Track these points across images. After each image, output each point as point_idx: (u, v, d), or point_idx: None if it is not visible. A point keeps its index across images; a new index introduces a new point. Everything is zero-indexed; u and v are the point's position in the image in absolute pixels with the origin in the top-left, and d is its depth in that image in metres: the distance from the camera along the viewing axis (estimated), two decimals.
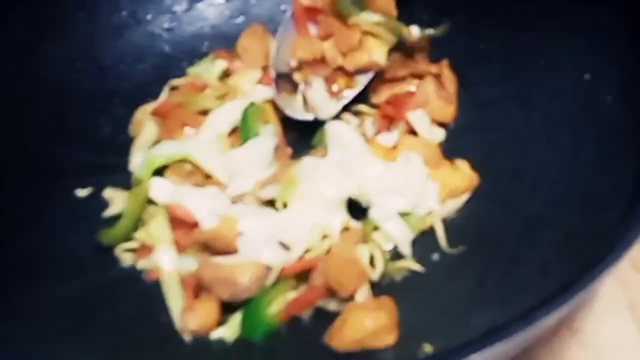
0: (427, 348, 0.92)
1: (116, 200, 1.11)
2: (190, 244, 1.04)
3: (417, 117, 1.15)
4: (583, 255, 0.83)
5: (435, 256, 1.05)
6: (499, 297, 0.95)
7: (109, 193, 1.12)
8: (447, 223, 1.07)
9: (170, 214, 1.06)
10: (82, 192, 1.12)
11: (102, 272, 1.05)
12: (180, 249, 1.04)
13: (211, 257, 1.01)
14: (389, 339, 0.95)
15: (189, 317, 0.98)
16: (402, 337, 0.95)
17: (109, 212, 1.10)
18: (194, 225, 1.04)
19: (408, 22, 1.17)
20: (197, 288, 1.01)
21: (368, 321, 0.94)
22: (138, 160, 1.14)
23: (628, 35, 0.99)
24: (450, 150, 1.14)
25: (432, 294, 1.01)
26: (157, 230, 1.05)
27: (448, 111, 1.18)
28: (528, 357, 0.99)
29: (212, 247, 1.02)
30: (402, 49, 1.20)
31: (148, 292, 1.03)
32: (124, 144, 1.17)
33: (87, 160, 1.15)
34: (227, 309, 1.00)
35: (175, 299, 1.01)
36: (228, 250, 1.01)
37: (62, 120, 1.17)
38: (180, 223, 1.05)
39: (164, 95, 1.21)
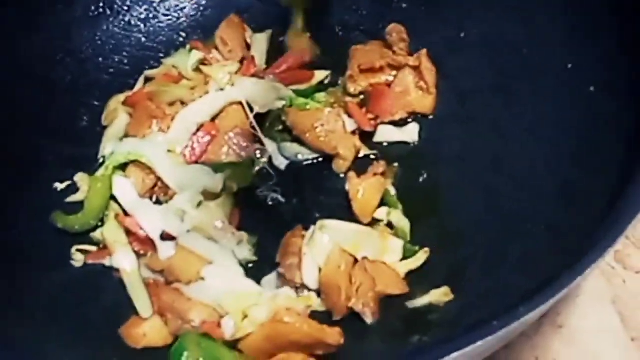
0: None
1: (85, 186, 1.07)
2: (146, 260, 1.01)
3: None
4: (566, 251, 0.77)
5: None
6: (481, 293, 0.91)
7: (80, 177, 1.08)
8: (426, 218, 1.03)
9: (122, 223, 1.03)
10: (60, 186, 1.08)
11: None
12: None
13: (174, 284, 0.98)
14: None
15: (134, 334, 0.94)
16: (386, 332, 0.92)
17: (74, 198, 1.07)
18: (146, 238, 1.01)
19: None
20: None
21: None
22: (107, 151, 1.10)
23: (610, 25, 0.93)
24: (430, 141, 1.11)
25: (413, 288, 0.97)
26: (112, 232, 1.02)
27: (427, 102, 1.14)
28: (511, 352, 0.94)
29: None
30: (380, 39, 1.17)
31: None
32: (102, 136, 1.13)
33: (66, 152, 1.11)
34: None
35: (140, 303, 0.97)
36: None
37: (42, 112, 1.13)
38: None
39: (138, 86, 1.17)
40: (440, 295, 0.94)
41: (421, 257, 0.99)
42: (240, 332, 0.92)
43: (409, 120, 1.14)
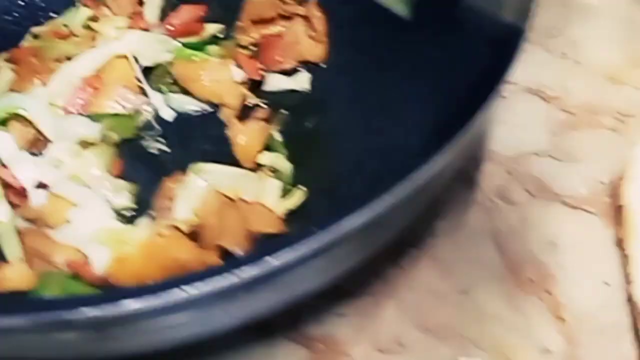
0: None
1: None
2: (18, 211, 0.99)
3: None
4: None
5: None
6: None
7: None
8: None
9: None
10: None
11: None
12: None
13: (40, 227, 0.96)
14: None
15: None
16: None
17: None
18: (21, 189, 1.00)
19: None
20: None
21: None
22: None
23: None
24: (320, 89, 1.11)
25: (292, 228, 0.96)
26: None
27: (318, 50, 1.13)
28: (385, 283, 0.94)
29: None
30: None
31: None
32: None
33: None
34: None
35: (9, 250, 0.95)
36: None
37: None
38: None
39: (24, 43, 1.15)
40: None
41: (299, 196, 0.98)
42: (116, 256, 0.91)
43: (300, 69, 1.13)
